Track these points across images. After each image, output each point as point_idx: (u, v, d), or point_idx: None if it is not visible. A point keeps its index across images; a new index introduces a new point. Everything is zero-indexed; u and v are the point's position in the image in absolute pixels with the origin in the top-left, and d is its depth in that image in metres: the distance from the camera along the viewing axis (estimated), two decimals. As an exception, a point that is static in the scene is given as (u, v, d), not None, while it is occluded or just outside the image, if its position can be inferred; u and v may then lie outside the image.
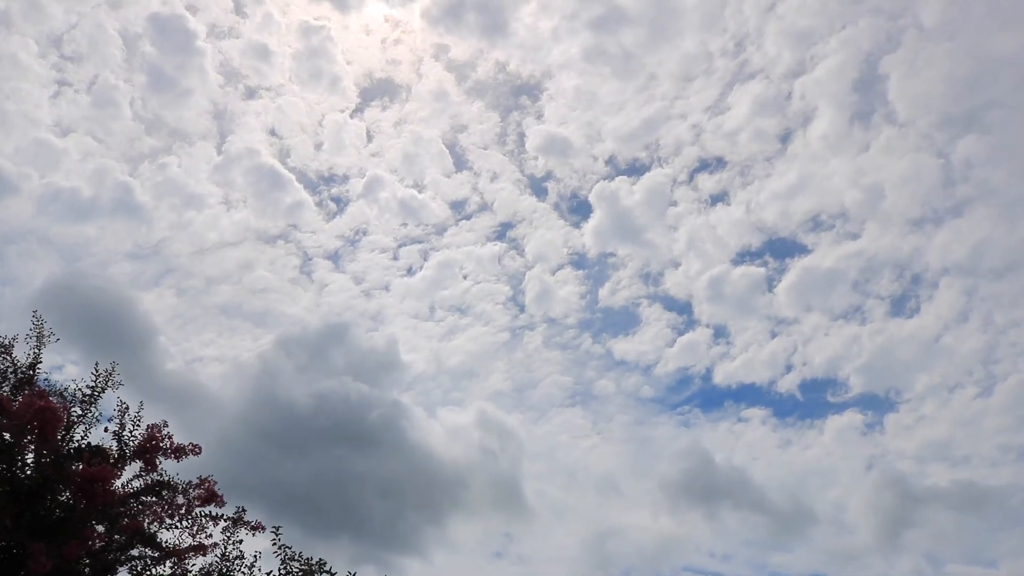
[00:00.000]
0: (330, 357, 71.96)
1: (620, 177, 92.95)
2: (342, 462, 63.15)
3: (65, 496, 13.57)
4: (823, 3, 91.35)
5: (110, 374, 14.59)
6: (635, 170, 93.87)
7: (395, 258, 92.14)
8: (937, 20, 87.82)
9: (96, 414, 14.57)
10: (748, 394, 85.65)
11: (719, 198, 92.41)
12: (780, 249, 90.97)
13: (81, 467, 13.37)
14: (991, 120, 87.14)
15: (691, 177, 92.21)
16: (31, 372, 14.64)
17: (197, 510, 14.15)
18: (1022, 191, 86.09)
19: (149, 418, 14.46)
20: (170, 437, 14.07)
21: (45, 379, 14.82)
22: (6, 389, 14.35)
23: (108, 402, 14.83)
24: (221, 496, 14.30)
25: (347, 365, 71.28)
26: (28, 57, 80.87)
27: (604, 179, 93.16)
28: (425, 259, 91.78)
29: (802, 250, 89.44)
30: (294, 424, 63.03)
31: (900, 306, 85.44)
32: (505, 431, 74.52)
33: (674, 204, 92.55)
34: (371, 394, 67.27)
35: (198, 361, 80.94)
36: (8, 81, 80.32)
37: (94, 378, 14.48)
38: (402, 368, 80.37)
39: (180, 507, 14.05)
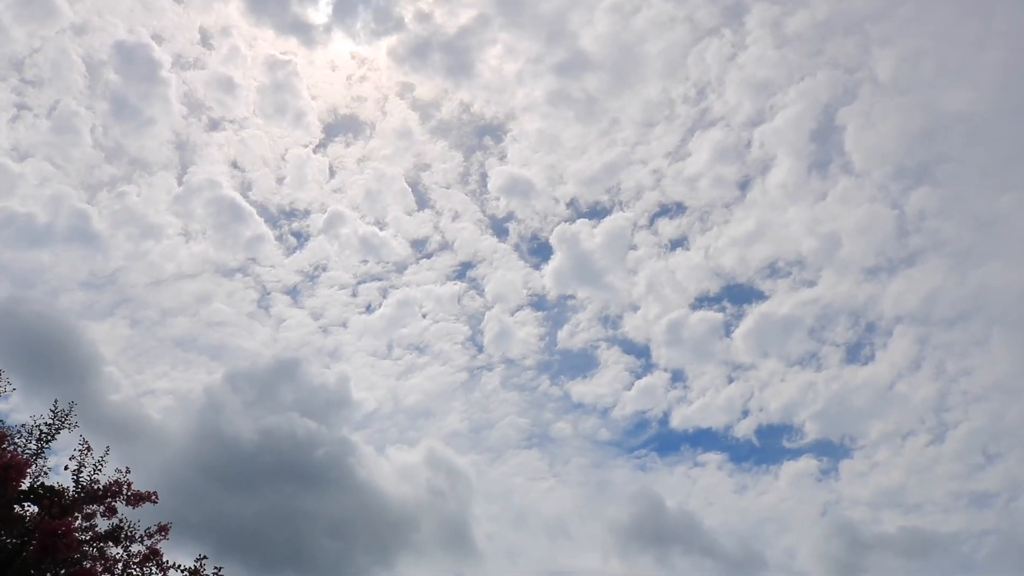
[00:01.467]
0: (279, 393, 71.34)
1: (581, 220, 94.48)
2: (289, 499, 62.39)
3: (10, 539, 13.21)
4: (782, 55, 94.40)
5: (67, 414, 14.27)
6: (596, 213, 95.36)
7: (354, 295, 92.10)
8: (891, 75, 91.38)
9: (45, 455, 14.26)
10: (705, 439, 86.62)
11: (678, 243, 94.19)
12: (738, 295, 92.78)
13: (42, 517, 13.00)
14: (943, 173, 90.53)
15: (651, 221, 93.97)
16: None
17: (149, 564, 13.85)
18: (972, 242, 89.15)
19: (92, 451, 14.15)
20: (130, 484, 13.79)
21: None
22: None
23: (58, 440, 14.51)
24: (164, 558, 13.96)
25: (296, 401, 70.73)
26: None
27: (565, 221, 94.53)
28: (384, 297, 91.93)
29: (759, 296, 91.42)
30: (240, 460, 62.09)
31: (855, 353, 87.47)
32: (455, 471, 74.23)
33: (634, 248, 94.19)
34: (319, 431, 66.67)
35: (150, 394, 79.74)
36: (-35, 104, 79.50)
37: (52, 417, 14.17)
38: (352, 406, 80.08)
39: (135, 556, 13.74)
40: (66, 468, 13.88)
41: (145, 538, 13.77)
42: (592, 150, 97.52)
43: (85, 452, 13.85)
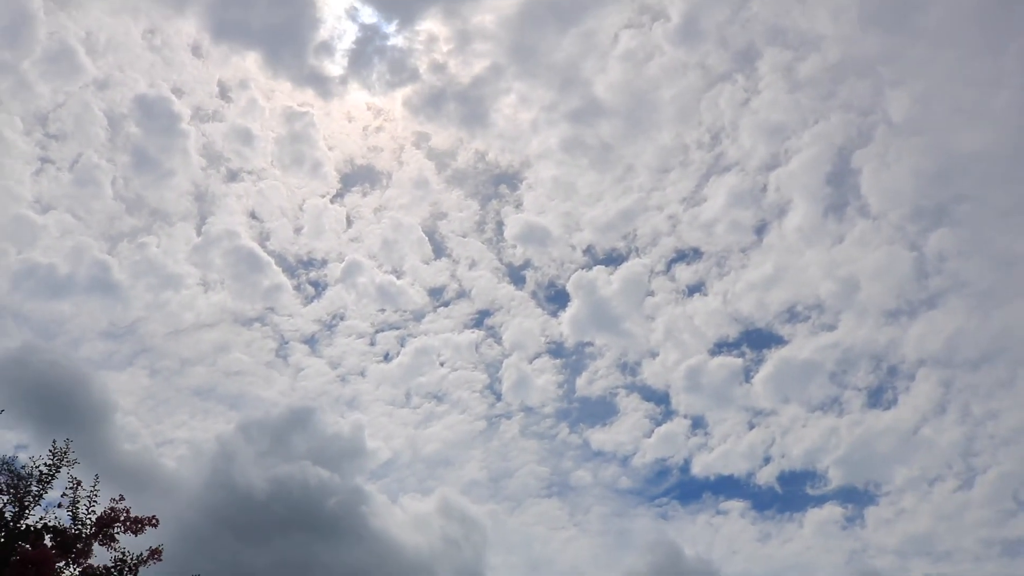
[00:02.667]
0: (292, 442, 70.64)
1: (598, 267, 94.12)
2: (301, 549, 61.33)
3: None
4: (795, 99, 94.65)
5: (65, 452, 14.06)
6: (612, 260, 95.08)
7: (372, 344, 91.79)
8: (905, 116, 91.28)
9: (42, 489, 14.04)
10: (726, 486, 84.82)
11: (696, 288, 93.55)
12: (757, 340, 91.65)
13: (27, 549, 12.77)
14: (961, 214, 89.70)
15: (668, 267, 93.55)
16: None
17: None
18: (995, 283, 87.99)
19: (103, 500, 13.95)
20: (127, 511, 13.56)
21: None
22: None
23: (62, 480, 14.30)
24: None
25: (309, 450, 69.95)
26: (13, 134, 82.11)
27: (582, 268, 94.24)
28: (402, 345, 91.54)
29: (779, 341, 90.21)
30: (252, 509, 61.42)
31: (877, 397, 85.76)
32: (472, 520, 72.88)
33: (651, 294, 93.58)
34: (331, 480, 65.81)
35: (168, 443, 79.42)
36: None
37: (51, 456, 13.96)
38: (366, 455, 79.07)
39: None
40: (59, 506, 13.71)
41: (139, 565, 13.47)
42: (608, 197, 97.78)
43: (76, 487, 13.66)
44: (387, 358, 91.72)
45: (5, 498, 13.49)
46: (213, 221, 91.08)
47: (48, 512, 13.83)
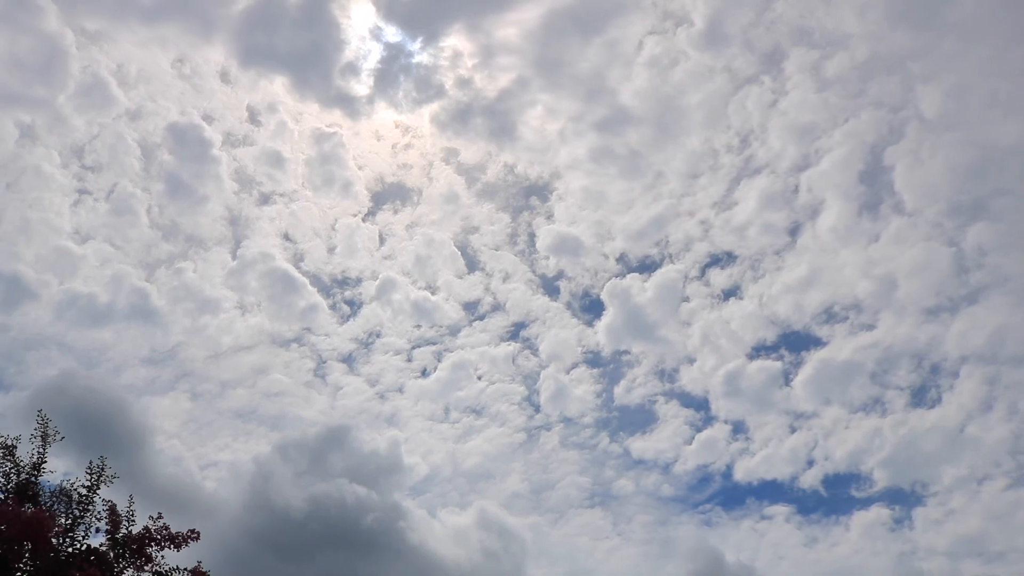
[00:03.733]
0: (329, 460, 70.84)
1: (632, 274, 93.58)
2: (340, 565, 61.41)
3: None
4: (824, 98, 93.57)
5: (102, 469, 14.27)
6: (646, 267, 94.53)
7: (409, 360, 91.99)
8: (938, 111, 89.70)
9: (95, 513, 14.26)
10: (770, 491, 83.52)
11: (731, 292, 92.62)
12: (795, 342, 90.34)
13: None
14: (999, 208, 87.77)
15: (702, 272, 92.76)
16: (35, 473, 14.40)
17: None
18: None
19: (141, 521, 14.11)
20: (166, 527, 13.70)
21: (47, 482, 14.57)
22: (9, 492, 14.10)
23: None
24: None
25: (346, 468, 70.11)
26: (51, 168, 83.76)
27: (616, 277, 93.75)
28: (439, 360, 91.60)
29: (817, 342, 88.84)
30: (291, 528, 61.68)
31: (920, 396, 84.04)
32: (511, 533, 72.39)
33: (686, 300, 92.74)
34: (368, 497, 65.94)
35: (212, 466, 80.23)
36: (31, 191, 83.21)
37: (88, 475, 14.18)
38: (404, 470, 78.84)
39: None
40: (96, 530, 13.91)
41: None
42: (638, 204, 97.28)
43: (111, 508, 13.85)
44: (425, 374, 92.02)
45: (64, 523, 13.71)
46: (247, 244, 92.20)
47: (88, 534, 14.06)
